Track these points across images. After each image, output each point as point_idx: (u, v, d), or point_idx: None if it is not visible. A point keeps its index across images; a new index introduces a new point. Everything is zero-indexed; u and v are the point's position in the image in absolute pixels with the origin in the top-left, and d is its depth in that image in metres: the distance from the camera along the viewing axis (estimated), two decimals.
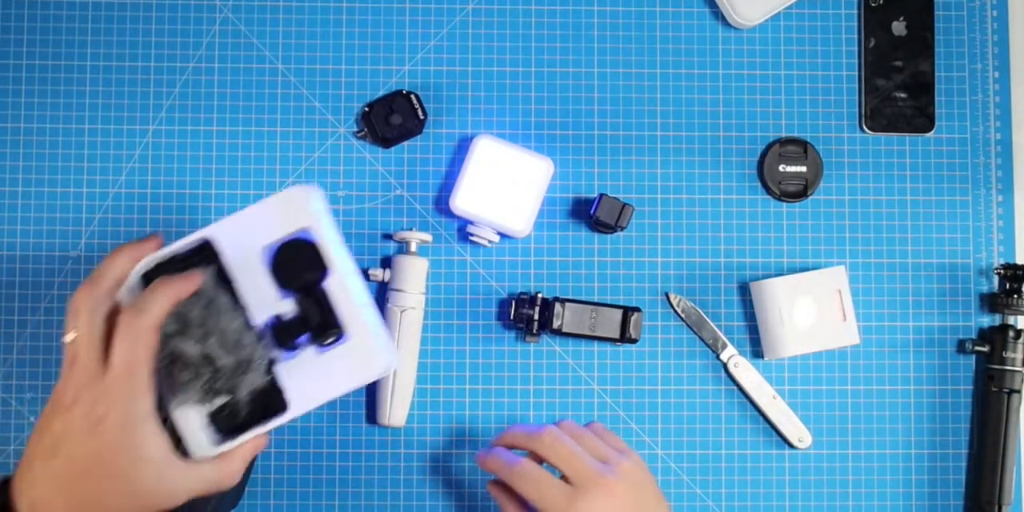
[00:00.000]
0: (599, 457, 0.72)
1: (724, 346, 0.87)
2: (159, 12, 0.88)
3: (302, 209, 0.64)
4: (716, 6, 0.89)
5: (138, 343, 0.60)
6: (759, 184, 0.88)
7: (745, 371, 0.86)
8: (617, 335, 0.84)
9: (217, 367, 0.62)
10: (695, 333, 0.87)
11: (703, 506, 0.86)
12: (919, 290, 0.88)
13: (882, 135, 0.89)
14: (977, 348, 0.86)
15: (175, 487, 0.61)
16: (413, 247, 0.84)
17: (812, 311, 0.85)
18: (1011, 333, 0.85)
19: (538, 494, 0.70)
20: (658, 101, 0.89)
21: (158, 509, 0.61)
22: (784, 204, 0.88)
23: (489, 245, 0.86)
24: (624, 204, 0.84)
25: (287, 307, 0.65)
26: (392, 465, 0.86)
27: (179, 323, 0.62)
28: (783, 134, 0.89)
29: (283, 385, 0.64)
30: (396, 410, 0.83)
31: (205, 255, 0.64)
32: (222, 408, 0.64)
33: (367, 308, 0.65)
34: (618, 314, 0.84)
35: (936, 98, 0.89)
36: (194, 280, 0.62)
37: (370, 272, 0.85)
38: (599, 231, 0.87)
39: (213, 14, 0.88)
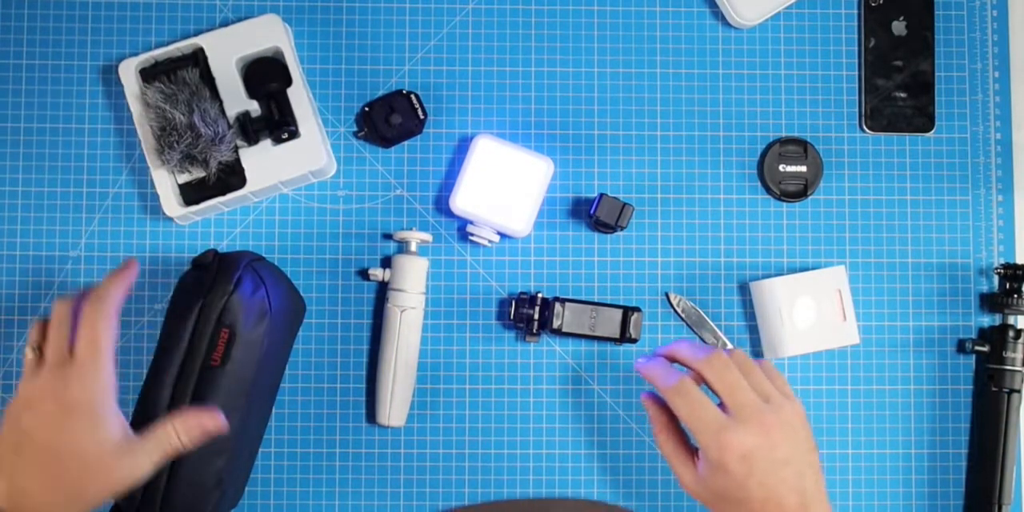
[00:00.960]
0: (763, 394, 0.70)
1: (724, 346, 0.87)
2: (159, 12, 0.88)
3: (273, 31, 0.83)
4: (716, 6, 0.89)
5: (98, 328, 0.67)
6: (759, 184, 0.88)
7: None
8: (617, 335, 0.84)
9: (198, 134, 0.79)
10: (695, 333, 0.87)
11: (703, 508, 0.86)
12: (919, 290, 0.88)
13: (882, 135, 0.89)
14: (977, 348, 0.86)
15: (139, 461, 0.67)
16: (413, 247, 0.84)
17: (812, 311, 0.85)
18: (1011, 333, 0.85)
19: (692, 414, 0.68)
20: (658, 101, 0.89)
21: (128, 484, 0.67)
22: (784, 204, 0.88)
23: (489, 245, 0.86)
24: (624, 204, 0.84)
25: (254, 106, 0.83)
26: (392, 465, 0.86)
27: (171, 101, 0.79)
28: (783, 134, 0.89)
29: (244, 165, 0.82)
30: (396, 410, 0.83)
31: (195, 59, 0.83)
32: (192, 181, 0.82)
33: (316, 115, 0.84)
34: (618, 314, 0.84)
35: (936, 98, 0.89)
36: (132, 270, 0.72)
37: (370, 272, 0.85)
38: (599, 231, 0.87)
39: (213, 14, 0.88)
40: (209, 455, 0.74)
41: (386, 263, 0.86)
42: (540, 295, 0.84)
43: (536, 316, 0.84)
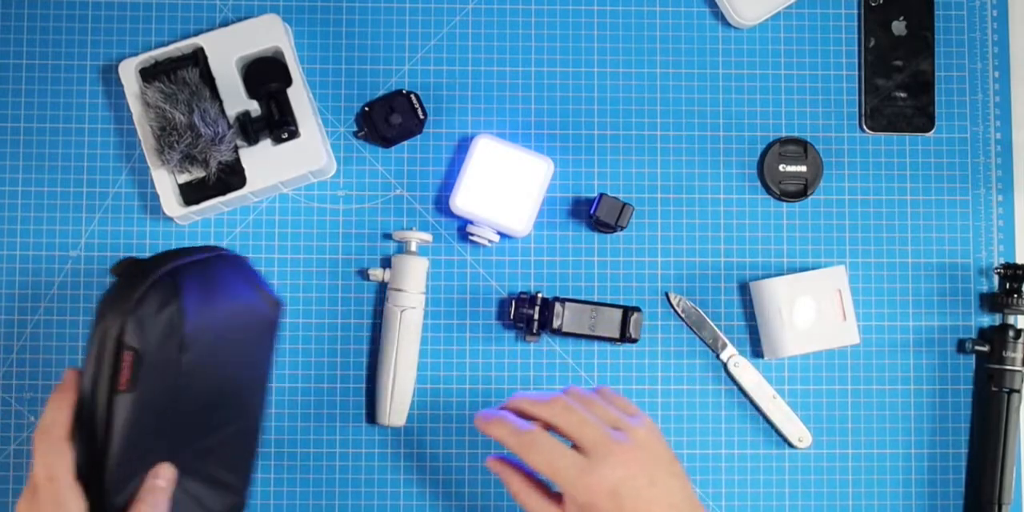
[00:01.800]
0: (610, 423, 0.69)
1: (724, 346, 0.87)
2: (159, 12, 0.88)
3: (273, 31, 0.83)
4: (716, 6, 0.89)
5: (50, 454, 0.64)
6: (759, 184, 0.88)
7: (745, 371, 0.86)
8: (617, 335, 0.84)
9: (198, 134, 0.79)
10: (695, 333, 0.87)
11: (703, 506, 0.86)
12: (919, 290, 0.88)
13: (882, 135, 0.89)
14: (977, 348, 0.86)
15: None
16: (413, 247, 0.84)
17: (812, 311, 0.85)
18: (1011, 333, 0.85)
19: (550, 466, 0.67)
20: (658, 101, 0.89)
21: None
22: (784, 204, 0.88)
23: (489, 245, 0.86)
24: (624, 204, 0.84)
25: (254, 106, 0.83)
26: (392, 465, 0.86)
27: (171, 101, 0.80)
28: (783, 134, 0.89)
29: (244, 164, 0.82)
30: (396, 410, 0.83)
31: (195, 59, 0.83)
32: (192, 181, 0.83)
33: (316, 115, 0.85)
34: (618, 314, 0.84)
35: (936, 98, 0.89)
36: (70, 384, 0.66)
37: (370, 272, 0.85)
38: (599, 231, 0.87)
39: (213, 14, 0.88)
40: (117, 483, 0.67)
41: (386, 263, 0.86)
42: (540, 295, 0.84)
43: (536, 316, 0.84)
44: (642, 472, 0.68)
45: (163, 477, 0.68)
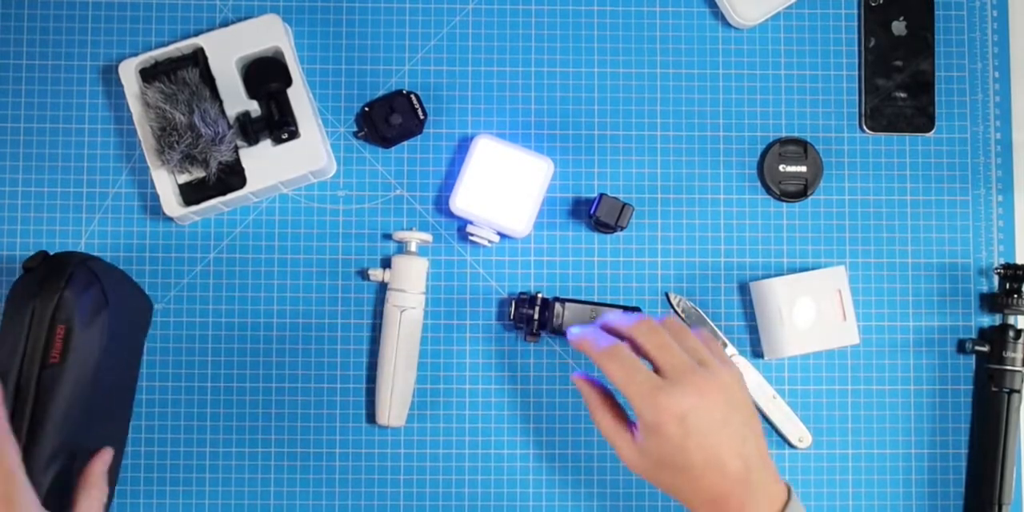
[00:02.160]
0: (698, 358, 0.68)
1: (724, 346, 0.86)
2: (159, 12, 0.88)
3: (273, 31, 0.83)
4: (716, 6, 0.89)
5: (5, 483, 0.65)
6: (759, 184, 0.88)
7: (745, 371, 0.86)
8: None
9: (198, 134, 0.79)
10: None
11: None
12: (919, 290, 0.88)
13: (882, 135, 0.89)
14: (977, 348, 0.86)
15: None
16: (413, 247, 0.84)
17: (812, 311, 0.85)
18: (1011, 333, 0.85)
19: (625, 378, 0.66)
20: (658, 101, 0.89)
21: None
22: (784, 204, 0.88)
23: (489, 245, 0.86)
24: (624, 204, 0.84)
25: (254, 106, 0.83)
26: (392, 465, 0.86)
27: (171, 101, 0.80)
28: (783, 134, 0.89)
29: (244, 164, 0.82)
30: (396, 410, 0.83)
31: (195, 59, 0.83)
32: (192, 181, 0.83)
33: (316, 116, 0.84)
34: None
35: (936, 98, 0.89)
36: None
37: (370, 272, 0.85)
38: (599, 231, 0.87)
39: (213, 14, 0.88)
40: (57, 455, 0.73)
41: (386, 263, 0.86)
42: (540, 295, 0.84)
43: (536, 316, 0.84)
44: (716, 408, 0.65)
45: (104, 461, 0.73)
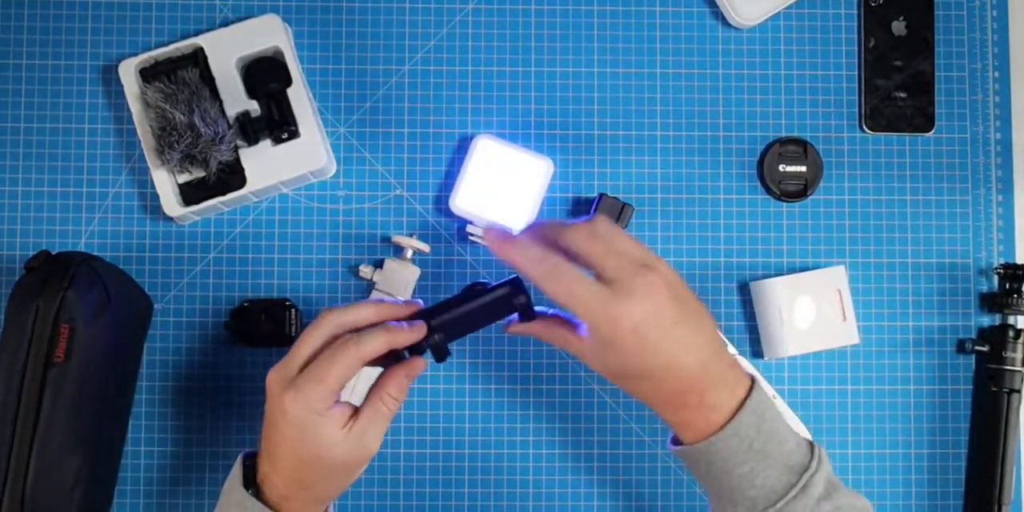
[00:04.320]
0: (637, 259, 0.64)
1: (724, 346, 0.86)
2: (159, 12, 0.88)
3: (273, 31, 0.83)
4: (716, 6, 0.89)
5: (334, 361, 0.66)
6: (759, 184, 0.88)
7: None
8: None
9: (198, 134, 0.79)
10: None
11: (703, 506, 0.86)
12: (919, 290, 0.88)
13: (882, 135, 0.89)
14: (977, 348, 0.86)
15: (367, 443, 0.68)
16: (408, 254, 0.84)
17: (812, 311, 0.85)
18: (1011, 333, 0.85)
19: (571, 296, 0.63)
20: (658, 101, 0.89)
21: (365, 464, 0.69)
22: (784, 204, 0.88)
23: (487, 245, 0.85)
24: (624, 204, 0.84)
25: (254, 106, 0.83)
26: (392, 465, 0.86)
27: (171, 100, 0.80)
28: (783, 134, 0.89)
29: (244, 164, 0.82)
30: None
31: (195, 59, 0.83)
32: (192, 181, 0.82)
33: (316, 115, 0.84)
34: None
35: (936, 98, 0.89)
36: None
37: (361, 268, 0.84)
38: None
39: (213, 14, 0.88)
40: (61, 453, 0.74)
41: (378, 263, 0.86)
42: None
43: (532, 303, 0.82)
44: (667, 309, 0.63)
45: (414, 368, 0.70)
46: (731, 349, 0.86)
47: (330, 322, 0.67)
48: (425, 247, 0.84)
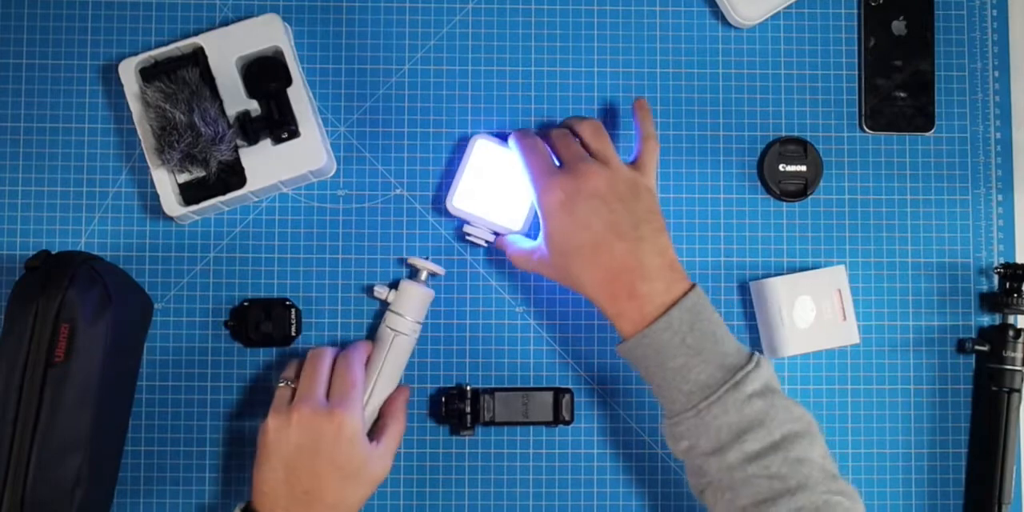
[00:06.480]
0: (601, 156, 0.76)
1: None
2: (159, 11, 0.88)
3: (273, 31, 0.83)
4: (716, 6, 0.89)
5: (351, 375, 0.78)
6: (759, 184, 0.88)
7: None
8: (551, 418, 0.84)
9: (198, 133, 0.79)
10: None
11: (703, 506, 0.86)
12: (919, 290, 0.88)
13: (882, 135, 0.89)
14: (977, 347, 0.86)
15: (385, 462, 0.77)
16: (423, 276, 0.84)
17: (812, 311, 0.85)
18: (1011, 332, 0.85)
19: (528, 160, 0.77)
20: (658, 101, 0.89)
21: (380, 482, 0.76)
22: (784, 204, 0.88)
23: (485, 245, 0.86)
24: None
25: (254, 106, 0.83)
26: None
27: (171, 100, 0.79)
28: (783, 134, 0.89)
29: (244, 164, 0.82)
30: (366, 425, 0.82)
31: (195, 59, 0.83)
32: (192, 181, 0.82)
33: (316, 115, 0.84)
34: (549, 397, 0.84)
35: (936, 98, 0.89)
36: None
37: (376, 289, 0.84)
38: None
39: (213, 14, 0.88)
40: (62, 453, 0.74)
41: (393, 284, 0.85)
42: (469, 388, 0.83)
43: (468, 409, 0.83)
44: (598, 193, 0.72)
45: (405, 397, 0.83)
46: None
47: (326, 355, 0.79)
48: (440, 270, 0.84)
